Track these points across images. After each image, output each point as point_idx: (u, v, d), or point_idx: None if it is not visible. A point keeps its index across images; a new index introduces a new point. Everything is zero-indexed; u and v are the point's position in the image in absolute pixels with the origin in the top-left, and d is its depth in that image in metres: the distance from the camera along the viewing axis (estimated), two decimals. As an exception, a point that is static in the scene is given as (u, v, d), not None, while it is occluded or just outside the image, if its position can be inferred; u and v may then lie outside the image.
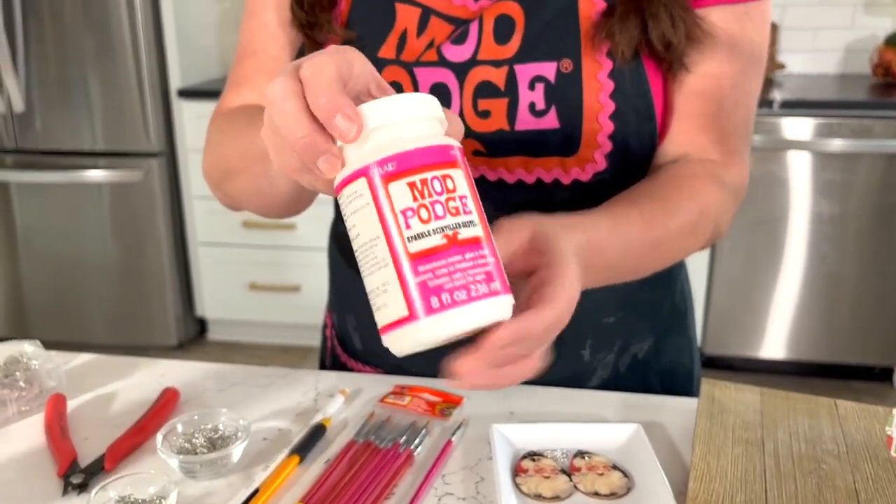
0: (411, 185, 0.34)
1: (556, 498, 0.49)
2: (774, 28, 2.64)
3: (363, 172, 0.34)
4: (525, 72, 0.58)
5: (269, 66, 0.67)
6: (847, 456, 0.51)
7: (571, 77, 0.57)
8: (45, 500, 0.50)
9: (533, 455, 0.54)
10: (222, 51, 2.78)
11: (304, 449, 0.55)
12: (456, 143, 0.37)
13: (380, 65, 0.60)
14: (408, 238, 0.34)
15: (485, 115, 0.59)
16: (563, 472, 0.52)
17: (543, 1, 0.58)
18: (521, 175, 0.60)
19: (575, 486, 0.51)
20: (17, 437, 0.58)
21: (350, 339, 0.74)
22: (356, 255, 0.36)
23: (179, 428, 0.54)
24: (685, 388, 0.72)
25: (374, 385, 0.64)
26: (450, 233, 0.34)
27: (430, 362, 0.47)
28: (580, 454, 0.54)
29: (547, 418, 0.58)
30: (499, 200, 0.59)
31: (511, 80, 0.58)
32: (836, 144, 2.14)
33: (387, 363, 0.68)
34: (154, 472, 0.50)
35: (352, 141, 0.35)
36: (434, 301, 0.34)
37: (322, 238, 2.56)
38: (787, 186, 2.21)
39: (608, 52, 0.56)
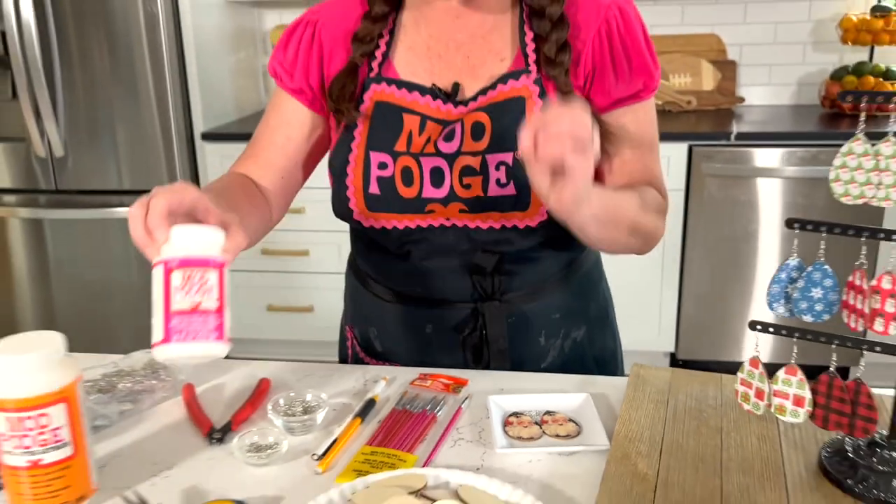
0: (182, 275, 0.64)
1: (531, 439, 0.76)
2: (734, 65, 2.95)
3: (162, 262, 0.64)
4: (493, 159, 0.86)
5: (263, 142, 0.96)
6: (721, 407, 0.78)
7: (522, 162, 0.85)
8: (198, 450, 0.77)
9: (516, 414, 0.81)
10: (237, 97, 3.06)
11: (363, 414, 0.81)
12: (218, 257, 0.66)
13: (396, 155, 0.88)
14: (172, 301, 0.63)
15: (467, 187, 0.87)
16: (536, 423, 0.79)
17: (503, 112, 0.86)
18: (491, 223, 0.88)
19: (543, 432, 0.77)
20: (164, 414, 0.84)
21: (372, 344, 1.01)
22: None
23: (281, 401, 0.81)
24: (613, 368, 1.02)
25: (404, 374, 0.91)
26: (195, 303, 0.64)
27: (434, 361, 0.83)
28: (547, 413, 0.81)
29: (525, 391, 0.85)
30: (475, 239, 0.88)
31: (484, 164, 0.86)
32: (791, 171, 2.42)
33: (402, 359, 0.96)
34: (269, 428, 0.77)
35: (159, 244, 0.65)
36: (175, 336, 0.62)
37: (331, 263, 2.86)
38: (752, 208, 2.48)
39: None
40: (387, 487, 0.66)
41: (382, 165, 0.89)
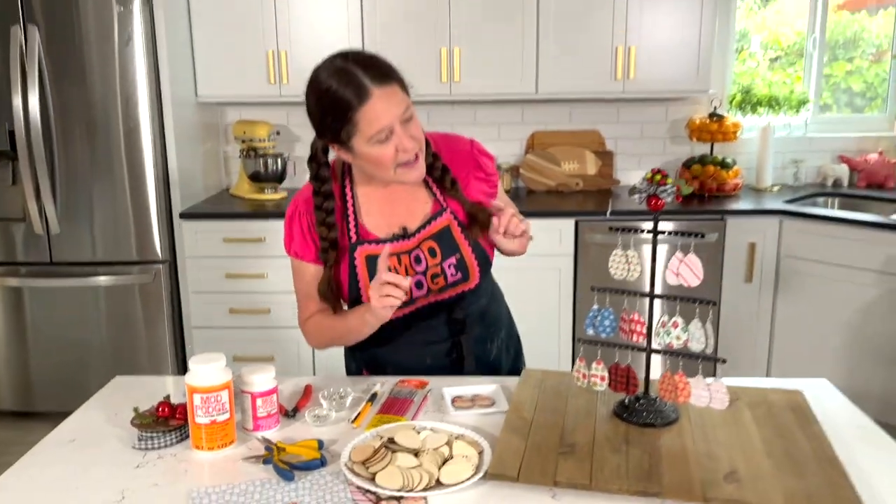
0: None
1: (468, 407, 1.39)
2: (611, 154, 3.74)
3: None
4: (446, 264, 1.51)
5: (313, 296, 1.56)
6: (568, 387, 1.43)
7: (462, 259, 1.50)
8: (286, 422, 1.36)
9: (459, 396, 1.44)
10: (205, 180, 3.63)
11: (371, 400, 1.43)
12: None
13: None
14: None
15: (435, 283, 1.52)
16: (470, 401, 1.42)
17: (441, 238, 1.50)
18: (450, 293, 1.53)
19: (474, 404, 1.41)
20: (251, 406, 1.43)
21: (383, 369, 1.62)
22: None
23: (325, 393, 1.42)
24: (521, 366, 1.69)
25: (391, 380, 1.53)
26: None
27: (429, 373, 1.51)
28: (476, 395, 1.44)
29: (464, 384, 1.48)
30: (446, 305, 1.54)
31: (442, 269, 1.51)
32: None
33: (404, 373, 1.58)
34: (323, 408, 1.37)
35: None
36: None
37: (288, 319, 3.39)
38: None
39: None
40: (401, 428, 1.27)
41: None
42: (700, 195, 3.50)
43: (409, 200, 1.53)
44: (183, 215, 3.28)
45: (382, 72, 1.36)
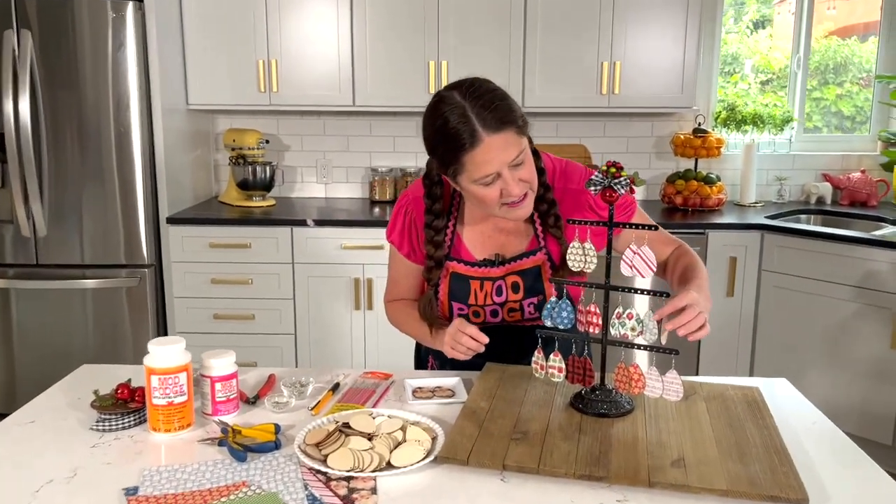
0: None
1: (427, 398, 1.41)
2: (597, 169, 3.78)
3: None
4: (526, 303, 1.52)
5: (402, 284, 1.61)
6: (526, 378, 1.45)
7: (544, 302, 1.49)
8: (246, 408, 1.37)
9: (420, 387, 1.45)
10: (194, 187, 3.66)
11: (333, 390, 1.44)
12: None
13: (469, 305, 1.53)
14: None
15: (512, 316, 1.53)
16: (432, 391, 1.44)
17: (528, 276, 1.50)
18: (520, 325, 1.55)
19: (434, 395, 1.42)
20: (214, 393, 1.45)
21: (451, 362, 1.62)
22: None
23: (287, 382, 1.43)
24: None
25: (356, 371, 1.55)
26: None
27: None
28: (437, 387, 1.46)
29: (428, 377, 1.50)
30: (515, 329, 1.55)
31: (521, 306, 1.53)
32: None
33: (441, 364, 1.61)
34: (283, 396, 1.39)
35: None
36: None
37: (272, 325, 3.42)
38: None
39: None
40: (356, 414, 1.29)
41: (461, 309, 1.55)
42: (683, 209, 3.54)
43: (510, 228, 1.52)
44: (170, 220, 3.31)
45: (500, 117, 1.30)
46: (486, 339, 1.41)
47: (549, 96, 3.42)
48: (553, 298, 1.37)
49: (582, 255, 1.32)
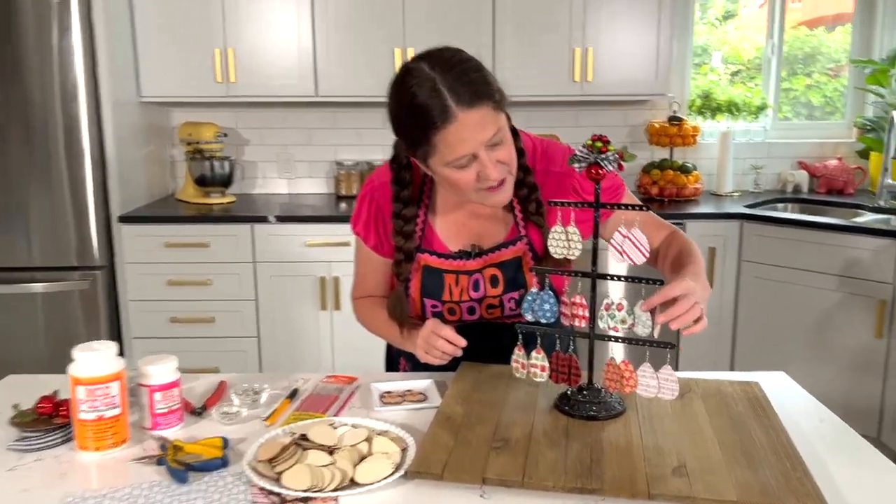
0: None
1: (396, 403, 1.26)
2: (571, 160, 3.66)
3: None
4: (506, 297, 1.38)
5: (370, 280, 1.47)
6: (507, 380, 1.31)
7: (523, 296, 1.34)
8: (192, 420, 1.22)
9: (388, 392, 1.31)
10: (148, 183, 3.46)
11: (290, 397, 1.29)
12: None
13: (444, 302, 1.38)
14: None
15: (491, 314, 1.39)
16: (401, 396, 1.29)
17: (508, 268, 1.36)
18: (500, 322, 1.40)
19: (404, 400, 1.28)
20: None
21: (397, 360, 1.52)
22: None
23: (238, 390, 1.27)
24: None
25: (317, 377, 1.40)
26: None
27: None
28: (408, 390, 1.31)
29: (397, 379, 1.35)
30: (496, 327, 1.40)
31: (501, 301, 1.38)
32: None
33: (414, 366, 1.45)
34: (233, 405, 1.23)
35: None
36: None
37: (233, 328, 3.23)
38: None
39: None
40: (316, 424, 1.14)
41: (434, 307, 1.40)
42: (660, 199, 3.43)
43: (488, 216, 1.38)
44: (122, 219, 3.12)
45: (474, 90, 1.16)
46: (463, 343, 1.27)
47: (520, 84, 3.29)
48: (534, 289, 1.23)
49: (565, 241, 1.18)
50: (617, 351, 2.83)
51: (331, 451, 1.06)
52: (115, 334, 3.20)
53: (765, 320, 3.12)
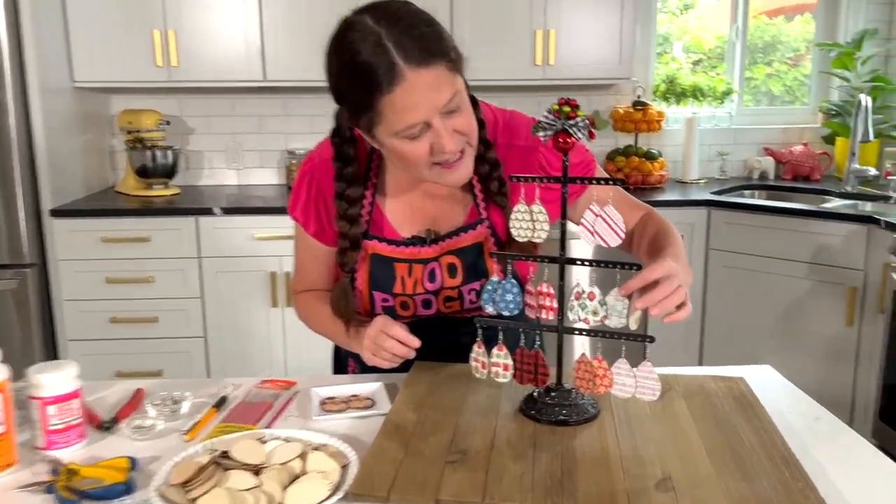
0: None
1: (339, 411, 1.10)
2: (533, 147, 3.53)
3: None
4: (466, 289, 1.22)
5: (311, 271, 1.29)
6: (464, 380, 1.16)
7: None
8: (98, 437, 1.04)
9: (330, 398, 1.15)
10: (86, 175, 3.24)
11: (218, 406, 1.12)
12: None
13: (395, 295, 1.22)
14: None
15: (449, 307, 1.24)
16: (345, 402, 1.13)
17: (468, 255, 1.20)
18: (460, 316, 1.25)
19: (349, 407, 1.12)
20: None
21: (345, 361, 1.36)
22: None
23: (155, 399, 1.10)
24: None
25: (250, 382, 1.23)
26: None
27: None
28: (353, 396, 1.16)
29: (342, 382, 1.19)
30: (454, 322, 1.24)
31: (460, 294, 1.22)
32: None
33: (364, 368, 1.27)
34: (148, 417, 1.06)
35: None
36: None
37: (178, 328, 3.03)
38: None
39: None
40: (241, 439, 0.97)
41: (385, 300, 1.23)
42: (624, 187, 3.32)
43: (444, 197, 1.22)
44: (54, 213, 2.89)
45: (426, 47, 1.00)
46: (416, 343, 1.12)
47: (479, 67, 3.09)
48: (495, 278, 1.08)
49: (529, 222, 1.04)
50: (589, 346, 2.71)
51: (257, 470, 0.90)
52: (50, 337, 2.97)
53: (734, 310, 3.03)
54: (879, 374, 2.63)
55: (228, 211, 2.93)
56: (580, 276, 2.79)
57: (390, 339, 1.11)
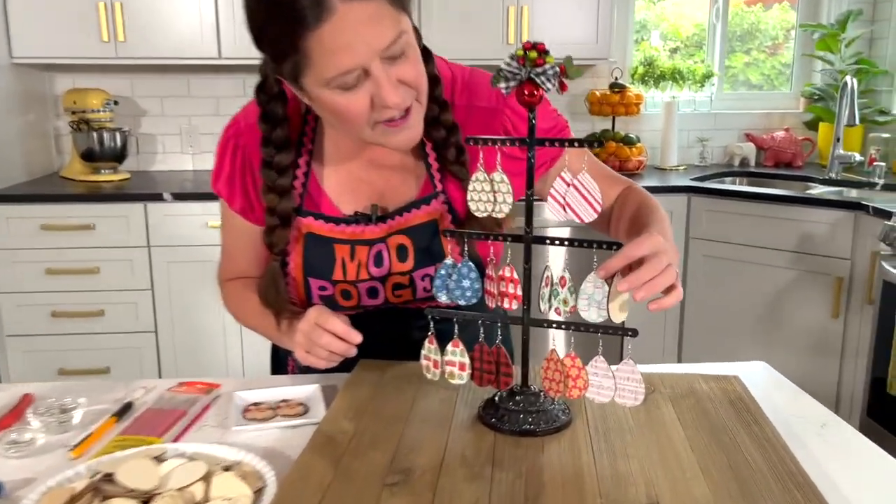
0: None
1: (265, 419, 0.93)
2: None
3: None
4: (418, 274, 1.04)
5: (239, 255, 1.11)
6: (415, 380, 0.99)
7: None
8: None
9: (255, 403, 0.97)
10: (27, 159, 3.01)
11: (119, 414, 0.94)
12: None
13: (334, 283, 1.04)
14: None
15: (399, 296, 1.05)
16: (272, 409, 0.96)
17: (420, 235, 1.02)
18: (412, 307, 1.06)
19: (276, 414, 0.94)
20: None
21: (285, 360, 1.18)
22: None
23: (41, 407, 0.92)
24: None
25: (164, 383, 1.05)
26: None
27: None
28: (283, 400, 0.98)
29: (274, 384, 1.01)
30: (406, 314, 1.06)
31: (412, 280, 1.04)
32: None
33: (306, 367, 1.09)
34: (28, 430, 0.87)
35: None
36: None
37: (127, 323, 2.82)
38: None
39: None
40: (132, 457, 0.79)
41: (322, 289, 1.05)
42: (602, 174, 3.16)
43: (393, 167, 1.04)
44: (-10, 198, 2.67)
45: None
46: (357, 339, 0.95)
47: (448, 47, 2.90)
48: (449, 260, 0.91)
49: (490, 193, 0.86)
50: (560, 341, 2.55)
51: (146, 498, 0.72)
52: (-16, 333, 2.76)
53: (714, 301, 2.89)
54: (867, 369, 2.50)
55: (180, 197, 2.73)
56: (554, 261, 2.63)
57: (326, 334, 0.93)
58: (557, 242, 0.87)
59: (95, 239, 2.73)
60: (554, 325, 0.87)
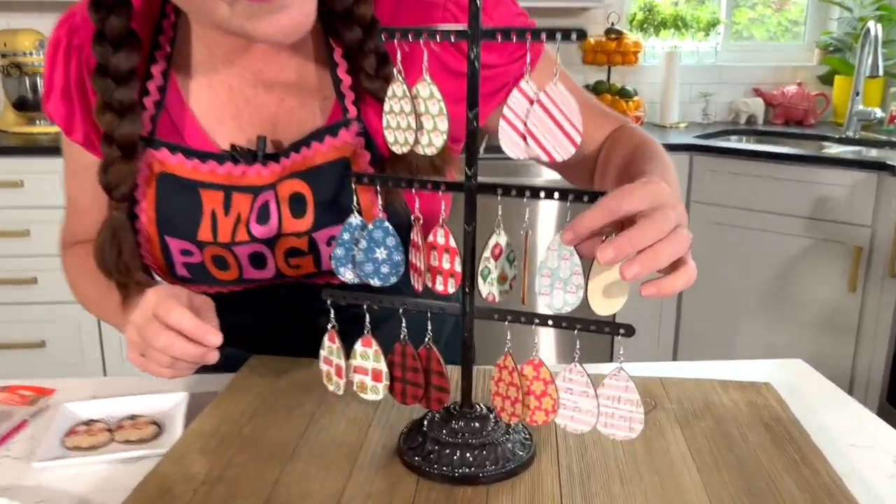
0: None
1: (92, 448, 0.64)
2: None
3: None
4: (322, 236, 0.73)
5: (86, 209, 0.82)
6: (322, 391, 0.71)
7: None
8: None
9: (88, 422, 0.68)
10: (-50, 105, 2.69)
11: None
12: None
13: (201, 245, 0.73)
14: None
15: (296, 267, 0.75)
16: (109, 430, 0.67)
17: (323, 180, 0.72)
18: (319, 281, 0.76)
19: (113, 439, 0.66)
20: None
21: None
22: None
23: None
24: None
25: (-19, 389, 0.76)
26: None
27: None
28: (130, 417, 0.69)
29: (138, 391, 0.73)
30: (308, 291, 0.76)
31: (312, 243, 0.73)
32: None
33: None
34: None
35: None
36: None
37: (64, 292, 2.53)
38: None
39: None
40: None
41: (186, 252, 0.74)
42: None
43: (288, 85, 0.74)
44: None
45: None
46: (215, 341, 0.64)
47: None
48: (355, 220, 0.61)
49: (412, 116, 0.56)
50: (549, 340, 2.26)
51: None
52: None
53: (718, 272, 2.61)
54: (888, 349, 2.24)
55: (118, 150, 2.42)
56: (543, 228, 2.33)
57: (166, 332, 0.63)
58: (514, 193, 0.57)
59: (25, 198, 2.43)
60: (509, 318, 0.57)
